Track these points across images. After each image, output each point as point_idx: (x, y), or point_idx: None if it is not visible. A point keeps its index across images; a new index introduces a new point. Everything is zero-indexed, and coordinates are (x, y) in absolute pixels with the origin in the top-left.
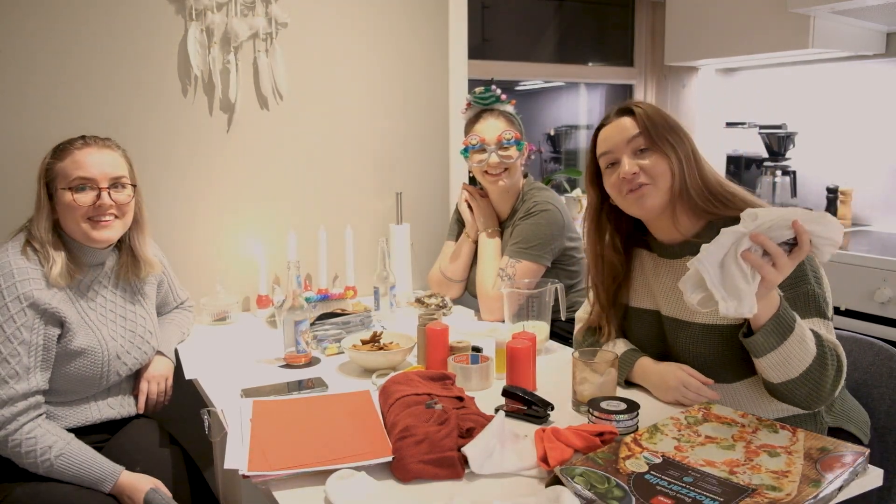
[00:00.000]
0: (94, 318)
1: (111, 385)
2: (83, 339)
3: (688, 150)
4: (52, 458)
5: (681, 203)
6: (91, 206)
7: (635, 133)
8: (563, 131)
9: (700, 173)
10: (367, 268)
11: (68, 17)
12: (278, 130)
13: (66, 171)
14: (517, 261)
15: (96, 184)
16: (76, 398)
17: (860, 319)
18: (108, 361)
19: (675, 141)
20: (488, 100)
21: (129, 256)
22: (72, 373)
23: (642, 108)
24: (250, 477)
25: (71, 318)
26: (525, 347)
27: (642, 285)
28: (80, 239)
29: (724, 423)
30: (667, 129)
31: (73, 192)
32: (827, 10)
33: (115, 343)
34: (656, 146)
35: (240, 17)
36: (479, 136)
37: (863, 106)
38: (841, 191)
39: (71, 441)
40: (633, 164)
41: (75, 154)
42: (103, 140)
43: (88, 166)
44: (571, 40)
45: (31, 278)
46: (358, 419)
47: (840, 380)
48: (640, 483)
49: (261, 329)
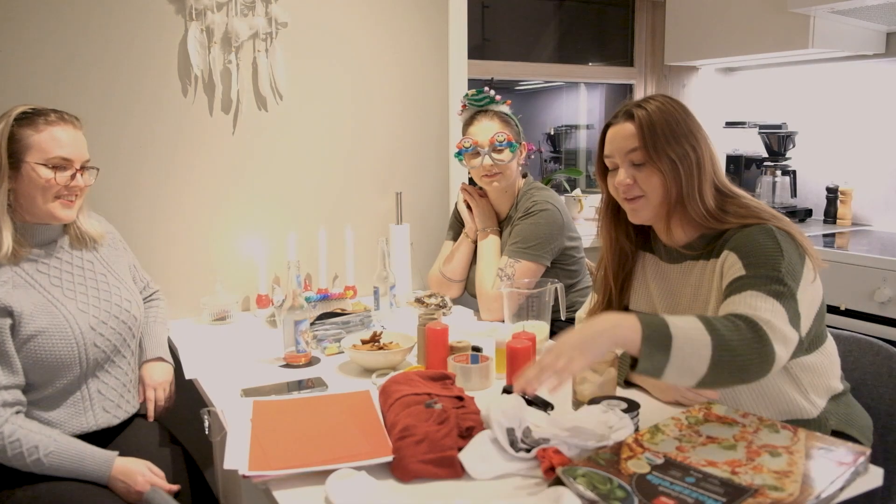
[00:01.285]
0: (59, 294)
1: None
2: (45, 320)
3: (691, 164)
4: (41, 458)
5: (675, 215)
6: (63, 187)
7: (633, 147)
8: (563, 131)
9: (700, 187)
10: (367, 268)
11: (68, 17)
12: (278, 130)
13: (44, 146)
14: (516, 260)
15: (72, 165)
16: (60, 389)
17: (860, 319)
18: (82, 334)
19: (678, 154)
20: (482, 101)
21: (75, 231)
22: (44, 357)
23: (649, 112)
24: (250, 477)
25: (24, 304)
26: (525, 347)
27: (642, 287)
28: (41, 216)
29: (726, 423)
30: (670, 140)
31: (55, 169)
32: (827, 9)
33: (87, 315)
34: (652, 162)
35: (240, 16)
36: (472, 138)
37: (863, 106)
38: (841, 191)
39: (57, 437)
40: (628, 175)
41: (53, 129)
42: (76, 119)
43: (68, 146)
44: (571, 40)
45: None
46: (358, 419)
47: (768, 346)
48: (642, 483)
49: (261, 329)
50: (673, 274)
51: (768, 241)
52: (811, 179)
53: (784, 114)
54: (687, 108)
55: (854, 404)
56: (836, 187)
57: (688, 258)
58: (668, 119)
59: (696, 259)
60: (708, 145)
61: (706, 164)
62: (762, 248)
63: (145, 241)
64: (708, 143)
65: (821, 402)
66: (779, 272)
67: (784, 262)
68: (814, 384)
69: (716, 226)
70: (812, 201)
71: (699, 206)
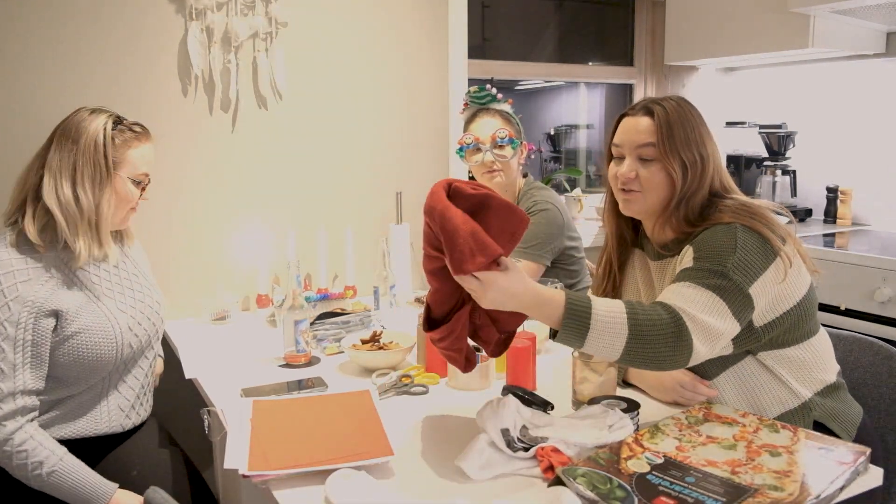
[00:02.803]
0: (100, 293)
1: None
2: (87, 318)
3: (697, 171)
4: (42, 475)
5: (665, 215)
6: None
7: (646, 142)
8: (563, 131)
9: (696, 194)
10: (367, 267)
11: (68, 17)
12: (278, 130)
13: (135, 161)
14: (516, 260)
15: (148, 179)
16: (87, 389)
17: (860, 319)
18: (121, 334)
19: (689, 159)
20: (484, 98)
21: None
22: (84, 354)
23: (668, 111)
24: (250, 477)
25: (69, 304)
26: (525, 347)
27: (632, 282)
28: (114, 225)
29: (726, 422)
30: (683, 143)
31: (137, 185)
32: (827, 9)
33: (125, 315)
34: (663, 161)
35: (240, 16)
36: (473, 135)
37: (863, 105)
38: (841, 190)
39: (63, 457)
40: (632, 168)
41: (143, 146)
42: (149, 132)
43: (150, 163)
44: (571, 40)
45: (16, 270)
46: (358, 419)
47: (685, 340)
48: (642, 483)
49: (261, 328)
50: (654, 271)
51: (725, 237)
52: (811, 179)
53: (784, 113)
54: (701, 115)
55: (846, 399)
56: (836, 187)
57: (666, 256)
58: (685, 122)
59: (672, 257)
60: (715, 154)
61: (708, 174)
62: (715, 243)
63: (145, 240)
64: (715, 152)
65: (806, 393)
66: (724, 266)
67: (734, 257)
68: (798, 376)
69: (689, 230)
70: (812, 201)
71: (686, 212)
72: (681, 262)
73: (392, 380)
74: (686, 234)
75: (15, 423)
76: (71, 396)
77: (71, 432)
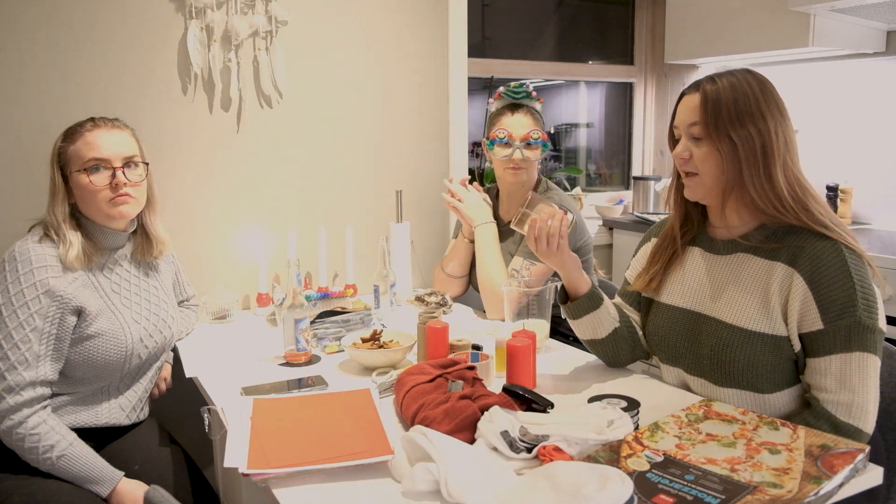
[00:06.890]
0: (118, 301)
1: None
2: (104, 323)
3: (753, 147)
4: (53, 458)
5: (731, 199)
6: (108, 186)
7: (693, 120)
8: (563, 129)
9: (768, 172)
10: (368, 266)
11: (68, 16)
12: (278, 128)
13: (79, 153)
14: (532, 263)
15: (110, 164)
16: (92, 389)
17: None
18: (132, 344)
19: (740, 136)
20: (520, 94)
21: (143, 236)
22: (94, 358)
23: (719, 87)
24: (250, 475)
25: (91, 305)
26: (525, 346)
27: (679, 282)
28: (101, 220)
29: (725, 420)
30: (733, 120)
31: (87, 173)
32: (827, 8)
33: (139, 326)
34: (710, 140)
35: (240, 14)
36: (507, 130)
37: (863, 104)
38: (841, 189)
39: (74, 442)
40: (685, 148)
41: (86, 136)
42: (112, 120)
43: (101, 147)
44: (571, 38)
45: (49, 265)
46: (358, 417)
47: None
48: (641, 481)
49: (261, 327)
50: (719, 266)
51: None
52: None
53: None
54: (769, 86)
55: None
56: (836, 186)
57: (741, 249)
58: (738, 97)
59: (751, 253)
60: (783, 129)
61: (775, 149)
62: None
63: None
64: (784, 127)
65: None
66: (871, 319)
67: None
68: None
69: (779, 216)
70: None
71: (766, 192)
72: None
73: (392, 378)
74: (773, 221)
75: (31, 409)
76: (74, 392)
77: (70, 421)
